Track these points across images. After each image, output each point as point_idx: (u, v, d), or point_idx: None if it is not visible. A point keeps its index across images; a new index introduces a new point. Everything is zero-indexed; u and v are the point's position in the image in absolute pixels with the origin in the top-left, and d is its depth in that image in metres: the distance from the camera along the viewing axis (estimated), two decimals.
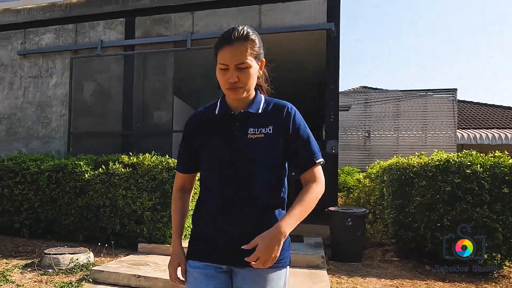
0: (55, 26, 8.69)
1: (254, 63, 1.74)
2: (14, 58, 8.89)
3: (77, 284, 4.72)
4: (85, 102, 8.37)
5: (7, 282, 4.86)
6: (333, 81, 7.52)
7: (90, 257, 5.41)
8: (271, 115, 1.80)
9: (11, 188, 6.81)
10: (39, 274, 5.11)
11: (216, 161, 1.78)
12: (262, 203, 1.73)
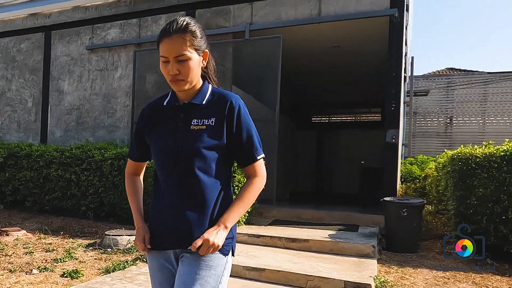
0: (120, 21, 9.15)
1: (195, 55, 1.75)
2: (83, 53, 9.48)
3: (132, 263, 5.05)
4: (147, 93, 8.77)
5: (71, 258, 5.32)
6: (394, 68, 7.34)
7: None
8: (215, 107, 1.82)
9: (78, 175, 7.32)
10: (100, 253, 5.51)
11: (160, 152, 1.84)
12: (205, 194, 1.77)
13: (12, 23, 10.34)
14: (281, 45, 7.53)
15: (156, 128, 1.87)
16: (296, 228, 6.45)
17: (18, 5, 10.07)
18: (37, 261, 5.30)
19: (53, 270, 4.93)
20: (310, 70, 11.54)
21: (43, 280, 4.62)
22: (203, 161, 1.77)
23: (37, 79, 10.01)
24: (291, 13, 7.87)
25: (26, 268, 5.06)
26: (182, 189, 1.78)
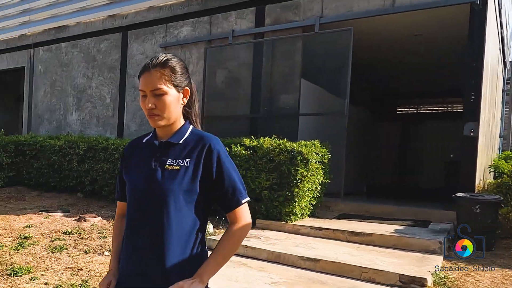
0: (192, 19, 9.49)
1: (173, 91, 1.72)
2: (157, 51, 9.94)
3: None
4: (217, 88, 9.02)
5: None
6: (475, 58, 7.01)
7: (209, 228, 5.92)
8: (192, 148, 1.76)
9: None
10: None
11: (131, 191, 1.79)
12: (173, 240, 1.69)
13: (92, 25, 11.05)
14: (351, 38, 7.45)
15: (132, 166, 1.84)
16: (361, 222, 6.37)
17: (98, 7, 10.76)
18: (109, 245, 5.71)
19: None
20: (391, 60, 11.20)
21: None
22: (174, 204, 1.70)
23: (115, 76, 10.64)
24: (363, 4, 7.74)
25: (99, 250, 5.49)
26: (150, 233, 1.72)
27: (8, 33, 12.89)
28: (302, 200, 6.33)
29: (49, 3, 11.72)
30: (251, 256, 5.05)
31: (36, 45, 12.25)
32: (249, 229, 1.79)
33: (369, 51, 10.10)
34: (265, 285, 4.18)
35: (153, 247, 1.70)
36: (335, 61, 8.07)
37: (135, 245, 1.76)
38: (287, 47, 8.45)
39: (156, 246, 1.70)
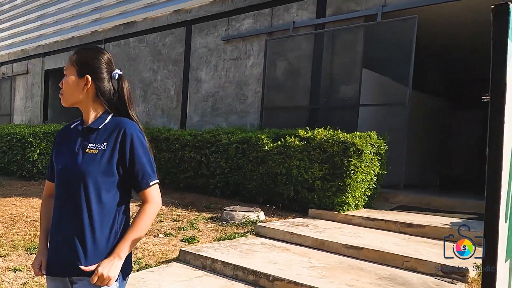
0: (253, 11, 9.61)
1: (73, 76, 1.90)
2: (219, 44, 10.16)
3: (242, 235, 5.49)
4: (277, 79, 9.09)
5: (192, 228, 5.94)
6: None
7: (260, 216, 6.06)
8: (109, 133, 1.88)
9: (208, 156, 7.90)
10: (217, 225, 6.01)
11: (57, 173, 1.93)
12: (91, 219, 1.83)
13: (158, 20, 11.46)
14: (415, 26, 7.27)
15: (59, 149, 1.99)
16: (418, 214, 6.21)
17: (164, 3, 11.15)
18: (164, 228, 5.97)
19: (175, 236, 5.62)
20: (469, 46, 10.70)
21: (166, 243, 5.37)
22: (92, 185, 1.84)
23: (179, 69, 10.98)
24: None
25: (155, 233, 5.77)
26: (70, 212, 1.86)
27: (82, 30, 13.66)
28: (356, 191, 6.26)
29: (118, 0, 12.34)
30: (297, 243, 5.11)
31: (107, 41, 12.89)
32: (158, 207, 1.93)
33: (441, 37, 9.72)
34: (303, 268, 4.21)
35: (74, 226, 1.84)
36: (398, 50, 7.87)
37: (60, 224, 1.89)
38: (348, 37, 8.37)
39: (77, 225, 1.83)
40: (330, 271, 4.14)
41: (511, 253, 1.52)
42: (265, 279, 3.93)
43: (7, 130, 11.69)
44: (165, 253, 5.00)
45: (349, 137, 6.27)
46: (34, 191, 9.25)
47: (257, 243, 5.13)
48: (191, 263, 4.54)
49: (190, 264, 4.55)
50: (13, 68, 16.90)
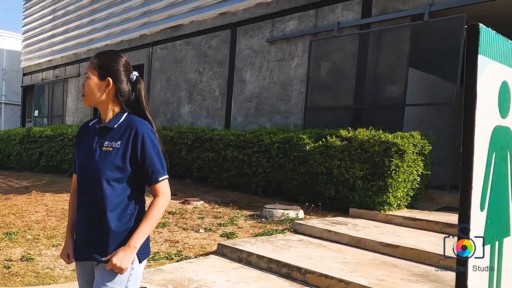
0: (298, 13, 9.81)
1: (95, 78, 2.14)
2: (263, 45, 10.44)
3: (281, 231, 5.71)
4: (321, 80, 9.24)
5: (232, 224, 6.22)
6: None
7: (299, 214, 6.27)
8: (123, 131, 2.12)
9: (250, 156, 8.20)
10: (257, 222, 6.27)
11: (78, 168, 2.20)
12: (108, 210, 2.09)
13: (204, 23, 11.84)
14: (464, 25, 7.23)
15: (79, 147, 2.25)
16: None
17: (210, 6, 11.51)
18: (205, 224, 6.31)
19: (215, 231, 5.91)
20: None
21: (206, 237, 5.70)
22: (109, 180, 2.09)
23: (224, 71, 11.34)
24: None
25: (196, 228, 6.13)
26: (91, 204, 2.12)
27: (131, 33, 14.29)
28: (397, 191, 6.36)
29: (166, 4, 12.79)
30: (334, 240, 5.25)
31: (154, 44, 13.43)
32: (168, 200, 2.17)
33: None
34: (335, 263, 4.36)
35: (94, 216, 2.11)
36: (446, 50, 7.87)
37: (82, 215, 2.17)
38: (394, 36, 8.45)
39: (95, 217, 2.10)
40: (363, 267, 4.27)
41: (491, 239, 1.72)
42: (297, 272, 4.14)
43: (59, 130, 12.47)
44: (204, 247, 5.30)
45: (390, 137, 6.38)
46: None
47: (293, 239, 5.30)
48: (228, 256, 4.80)
49: (227, 257, 4.80)
50: (66, 71, 17.79)
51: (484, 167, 1.54)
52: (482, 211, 1.57)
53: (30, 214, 7.76)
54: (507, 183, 1.72)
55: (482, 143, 1.52)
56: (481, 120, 1.49)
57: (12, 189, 11.17)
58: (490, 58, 1.48)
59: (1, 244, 5.94)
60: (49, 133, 12.58)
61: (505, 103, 1.62)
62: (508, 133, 1.69)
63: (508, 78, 1.63)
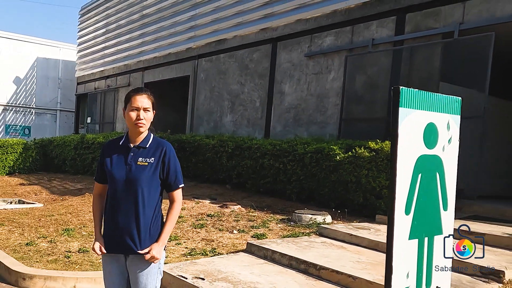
0: (335, 29, 10.42)
1: (152, 112, 2.87)
2: (302, 59, 11.16)
3: (307, 234, 6.42)
4: (356, 93, 9.82)
5: (264, 227, 6.98)
6: None
7: (326, 219, 6.96)
8: (155, 150, 2.85)
9: (285, 164, 8.96)
10: (286, 226, 7.01)
11: (115, 179, 2.83)
12: (145, 212, 2.80)
13: (246, 38, 12.67)
14: (492, 43, 7.72)
15: (112, 161, 2.87)
16: (485, 224, 6.58)
17: (252, 22, 12.33)
18: (239, 226, 7.12)
19: (247, 233, 6.69)
20: None
21: (238, 237, 6.51)
22: (146, 188, 2.80)
23: (264, 83, 12.13)
24: (507, 8, 7.98)
25: (231, 229, 6.96)
26: (130, 206, 2.79)
27: (178, 47, 15.33)
28: None
29: (211, 19, 13.74)
30: (354, 243, 5.84)
31: (200, 57, 14.40)
32: (181, 204, 2.97)
33: None
34: (349, 262, 4.95)
35: (130, 217, 2.80)
36: (475, 66, 8.36)
37: (116, 214, 2.83)
38: (426, 52, 8.99)
39: (132, 216, 2.80)
40: (374, 266, 4.83)
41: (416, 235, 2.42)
42: (313, 268, 4.80)
43: (111, 137, 13.70)
44: (236, 245, 6.08)
45: None
46: None
47: (317, 241, 5.95)
48: (255, 254, 5.53)
49: (254, 254, 5.53)
50: (117, 80, 19.10)
51: (408, 184, 2.26)
52: (408, 215, 2.30)
53: (84, 213, 8.80)
54: (436, 195, 2.43)
55: (406, 167, 2.25)
56: (404, 152, 2.23)
57: (67, 191, 12.42)
58: (412, 108, 2.21)
59: (61, 239, 6.97)
60: (101, 140, 13.73)
61: (431, 138, 2.33)
62: (436, 159, 2.40)
63: (435, 120, 2.35)
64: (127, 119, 2.86)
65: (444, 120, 2.43)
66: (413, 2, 9.08)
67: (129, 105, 2.85)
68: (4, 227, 7.86)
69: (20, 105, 25.05)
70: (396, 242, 2.23)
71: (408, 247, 2.32)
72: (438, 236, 2.48)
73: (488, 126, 8.58)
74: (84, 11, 21.99)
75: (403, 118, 2.19)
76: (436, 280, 2.50)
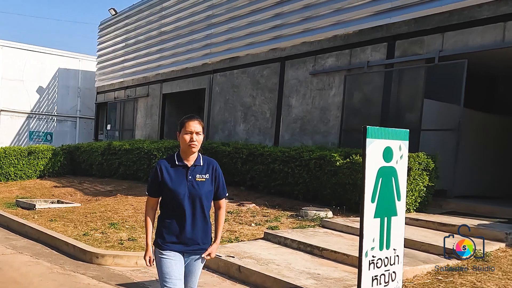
0: (336, 52, 12.04)
1: (202, 135, 3.40)
2: (307, 77, 12.76)
3: (312, 226, 8.05)
4: (354, 107, 11.45)
5: (276, 221, 8.62)
6: None
7: (328, 214, 8.55)
8: (208, 167, 3.42)
9: (293, 169, 10.54)
10: (295, 220, 8.62)
11: (177, 194, 3.33)
12: (204, 219, 3.40)
13: (258, 56, 14.34)
14: (465, 69, 9.23)
15: (172, 178, 3.36)
16: (458, 218, 8.08)
17: (263, 42, 14.00)
18: (256, 220, 8.71)
19: (263, 225, 8.30)
20: None
21: (256, 229, 8.12)
22: (205, 200, 3.37)
23: (273, 96, 13.73)
24: (477, 40, 9.49)
25: (249, 223, 8.56)
26: (195, 215, 3.35)
27: (194, 62, 17.00)
28: (405, 198, 8.51)
29: (225, 39, 15.44)
30: (349, 232, 7.42)
31: (215, 71, 16.06)
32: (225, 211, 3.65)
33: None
34: (345, 245, 6.61)
35: (193, 224, 3.37)
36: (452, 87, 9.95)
37: (184, 225, 3.36)
38: (412, 74, 10.59)
39: (196, 224, 3.39)
40: None
41: (378, 215, 3.93)
42: (316, 250, 6.45)
43: (136, 145, 15.18)
44: (254, 235, 7.71)
45: None
46: None
47: (320, 231, 7.61)
48: (271, 240, 7.20)
49: (270, 241, 7.20)
50: (136, 91, 20.79)
51: (373, 184, 3.79)
52: (373, 203, 3.83)
53: (121, 211, 10.34)
54: (392, 191, 3.96)
55: (372, 174, 3.78)
56: (370, 165, 3.77)
57: (99, 192, 13.98)
58: (374, 138, 3.74)
59: (110, 230, 8.54)
60: (127, 147, 15.33)
61: (388, 155, 3.85)
62: (391, 168, 3.92)
63: (390, 144, 3.89)
64: (182, 141, 3.37)
65: (396, 144, 3.98)
66: (401, 31, 10.67)
67: (183, 129, 3.36)
68: (57, 222, 9.43)
69: (43, 113, 26.82)
70: (366, 219, 3.77)
71: (373, 222, 3.85)
72: (394, 217, 4.01)
73: (465, 136, 10.09)
74: (104, 26, 23.73)
75: (369, 145, 3.73)
76: (393, 244, 4.03)
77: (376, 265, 3.93)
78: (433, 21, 10.08)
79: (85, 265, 6.82)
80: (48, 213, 10.51)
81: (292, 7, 13.08)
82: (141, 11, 20.25)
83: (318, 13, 12.38)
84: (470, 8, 9.50)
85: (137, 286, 5.87)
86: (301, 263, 6.09)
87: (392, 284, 4.09)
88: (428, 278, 5.62)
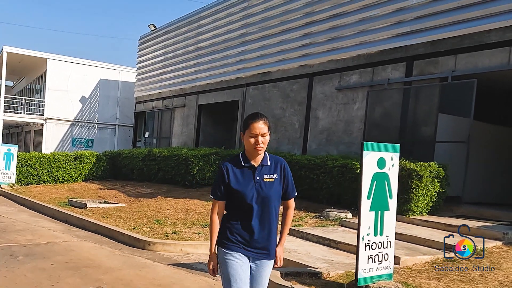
0: (359, 69, 13.39)
1: (269, 136, 3.19)
2: (332, 91, 14.16)
3: (332, 225, 9.37)
4: (375, 120, 12.77)
5: (301, 220, 9.94)
6: None
7: (347, 215, 9.88)
8: (276, 167, 3.25)
9: (318, 176, 11.94)
10: (318, 220, 9.98)
11: (245, 195, 3.18)
12: (272, 221, 3.25)
13: (288, 72, 15.82)
14: (475, 87, 10.45)
15: (238, 180, 3.20)
16: (465, 220, 9.16)
17: (293, 59, 15.46)
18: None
19: None
20: None
21: None
22: (274, 200, 3.21)
23: (302, 109, 15.17)
24: (485, 62, 10.74)
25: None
26: (263, 217, 3.21)
27: (228, 76, 18.61)
28: (418, 202, 9.56)
29: (258, 55, 16.99)
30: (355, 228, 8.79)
31: (248, 85, 17.62)
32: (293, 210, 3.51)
33: None
34: (351, 238, 7.87)
35: (265, 226, 3.25)
36: (463, 103, 11.20)
37: (253, 227, 3.23)
38: (428, 91, 11.86)
39: (266, 226, 3.26)
40: None
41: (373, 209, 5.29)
42: (333, 243, 7.82)
43: (175, 152, 16.80)
44: None
45: (412, 165, 9.72)
46: (194, 195, 13.81)
47: (339, 229, 8.97)
48: (295, 235, 8.57)
49: (294, 235, 8.57)
50: (173, 101, 22.56)
51: (369, 185, 5.16)
52: (369, 199, 5.20)
53: (163, 210, 11.85)
54: (385, 191, 5.33)
55: (368, 178, 5.16)
56: (367, 171, 5.13)
57: (141, 194, 15.59)
58: (370, 151, 5.10)
59: (155, 226, 10.05)
60: (166, 154, 16.95)
61: (382, 164, 5.22)
62: (384, 174, 5.29)
63: (383, 155, 5.25)
64: (246, 143, 3.21)
65: (389, 155, 5.36)
66: (419, 52, 11.98)
67: (248, 131, 3.18)
68: (109, 219, 11.03)
69: (85, 120, 29.03)
70: (363, 211, 5.16)
71: (369, 215, 5.24)
72: (387, 211, 5.39)
73: (476, 147, 11.29)
74: (143, 40, 25.65)
75: (366, 155, 5.12)
76: (386, 232, 5.41)
77: (371, 247, 5.32)
78: (447, 44, 11.36)
79: (139, 250, 8.36)
80: (99, 211, 12.14)
81: (319, 27, 14.55)
82: (180, 27, 22.07)
83: (343, 34, 13.81)
84: (479, 34, 10.75)
85: (184, 266, 7.35)
86: (319, 253, 7.49)
87: (384, 263, 5.47)
88: (425, 266, 6.91)
